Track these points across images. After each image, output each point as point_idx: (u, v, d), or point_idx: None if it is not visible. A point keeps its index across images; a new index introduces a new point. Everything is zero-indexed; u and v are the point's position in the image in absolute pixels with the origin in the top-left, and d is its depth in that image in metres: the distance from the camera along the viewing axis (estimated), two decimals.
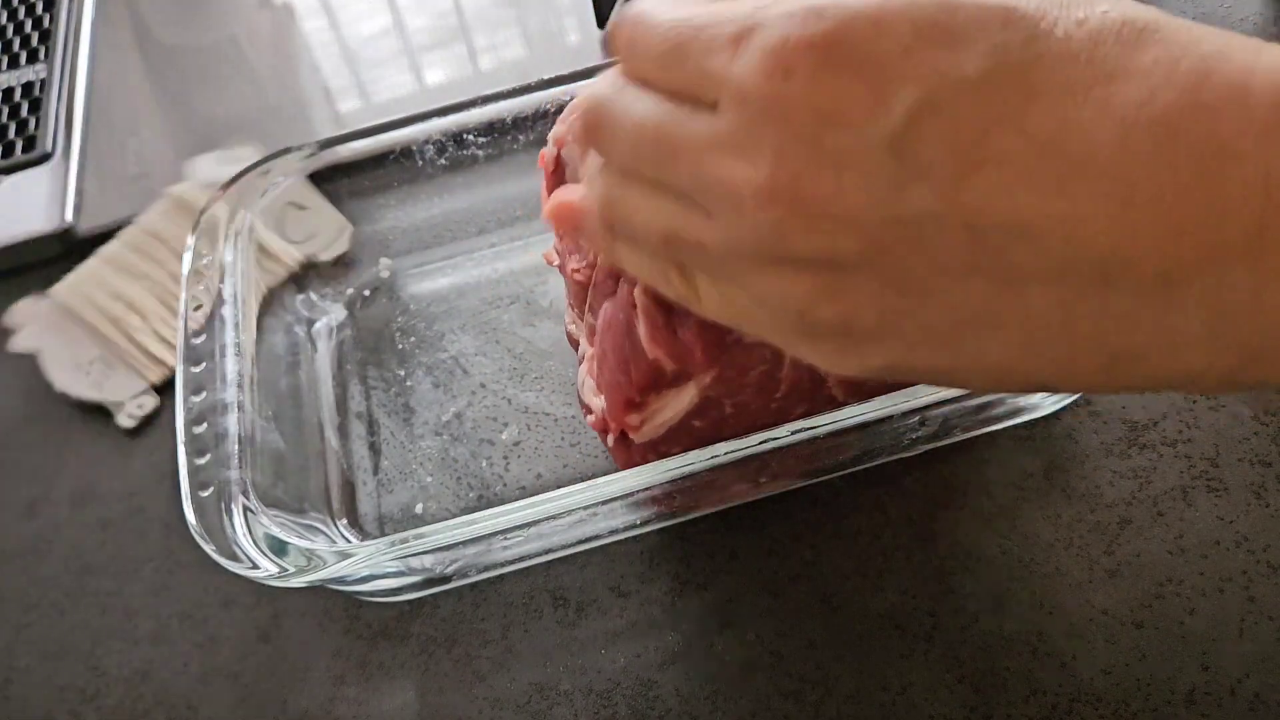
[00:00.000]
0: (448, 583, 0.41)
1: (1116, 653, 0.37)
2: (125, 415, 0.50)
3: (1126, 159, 0.21)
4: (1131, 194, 0.21)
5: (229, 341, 0.42)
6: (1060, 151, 0.22)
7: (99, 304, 0.52)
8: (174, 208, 0.55)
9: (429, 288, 0.52)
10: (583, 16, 0.66)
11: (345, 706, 0.40)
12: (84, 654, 0.43)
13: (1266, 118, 0.21)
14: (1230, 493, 0.40)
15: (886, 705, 0.37)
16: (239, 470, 0.38)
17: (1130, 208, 0.21)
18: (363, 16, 0.71)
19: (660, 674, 0.39)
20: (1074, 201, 0.22)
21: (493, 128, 0.49)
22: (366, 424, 0.47)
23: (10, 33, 0.72)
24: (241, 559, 0.35)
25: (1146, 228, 0.21)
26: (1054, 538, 0.40)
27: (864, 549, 0.40)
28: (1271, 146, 0.21)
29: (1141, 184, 0.21)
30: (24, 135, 0.65)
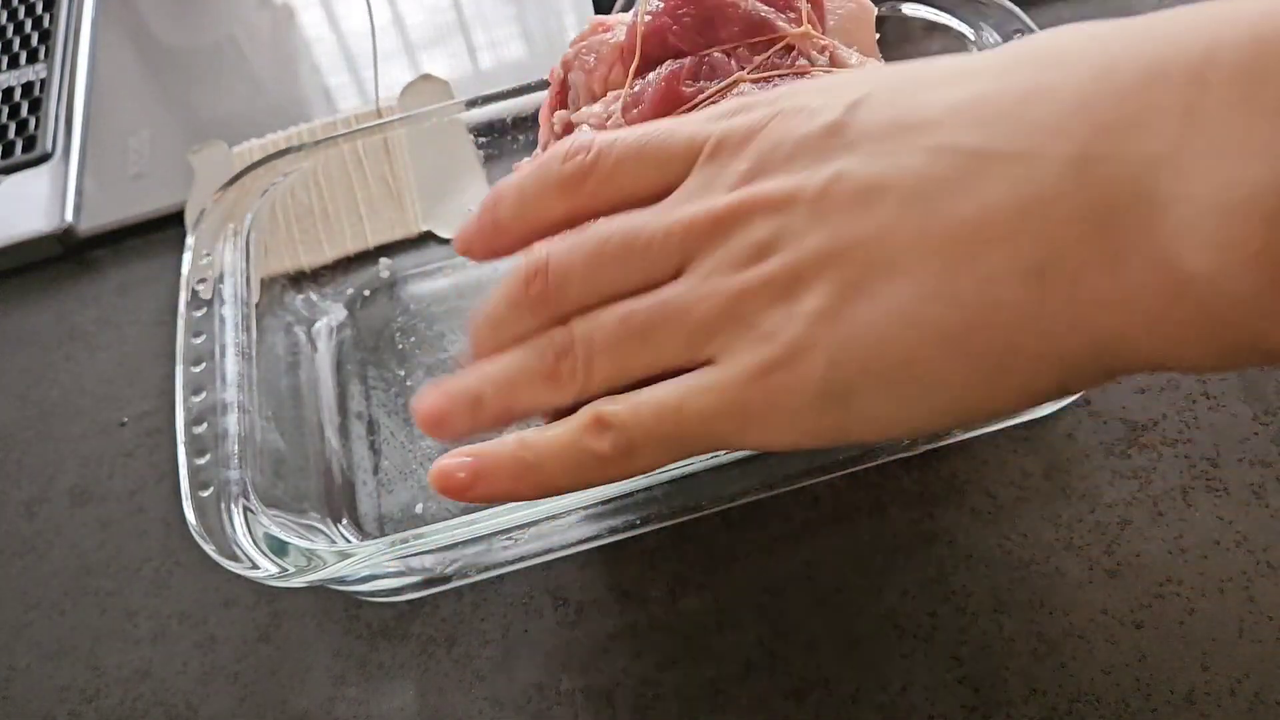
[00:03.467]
0: (448, 583, 0.41)
1: (1116, 653, 0.37)
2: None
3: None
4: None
5: (229, 341, 0.42)
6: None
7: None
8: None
9: (429, 288, 0.52)
10: (582, 14, 0.66)
11: (345, 706, 0.40)
12: (84, 654, 0.43)
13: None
14: (1230, 493, 0.40)
15: (886, 705, 0.37)
16: (239, 470, 0.38)
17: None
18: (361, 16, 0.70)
19: (660, 674, 0.39)
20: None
21: (492, 128, 0.49)
22: (366, 424, 0.47)
23: (10, 33, 0.72)
24: (241, 559, 0.35)
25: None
26: (1054, 538, 0.40)
27: (864, 549, 0.40)
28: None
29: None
30: (24, 135, 0.65)
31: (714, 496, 0.42)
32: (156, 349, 0.53)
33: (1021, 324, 0.24)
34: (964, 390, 0.25)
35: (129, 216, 0.59)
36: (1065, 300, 0.23)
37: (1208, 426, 0.41)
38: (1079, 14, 0.59)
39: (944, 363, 0.25)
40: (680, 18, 0.36)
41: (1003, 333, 0.24)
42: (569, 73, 0.40)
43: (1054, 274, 0.23)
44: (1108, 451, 0.41)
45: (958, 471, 0.42)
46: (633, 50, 0.37)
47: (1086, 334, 0.23)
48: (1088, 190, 0.22)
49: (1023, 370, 0.25)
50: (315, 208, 0.51)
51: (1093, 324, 0.23)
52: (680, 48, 0.36)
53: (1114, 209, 0.22)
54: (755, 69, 0.35)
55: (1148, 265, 0.22)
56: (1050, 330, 0.23)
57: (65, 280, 0.58)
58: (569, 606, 0.41)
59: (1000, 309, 0.24)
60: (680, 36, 0.36)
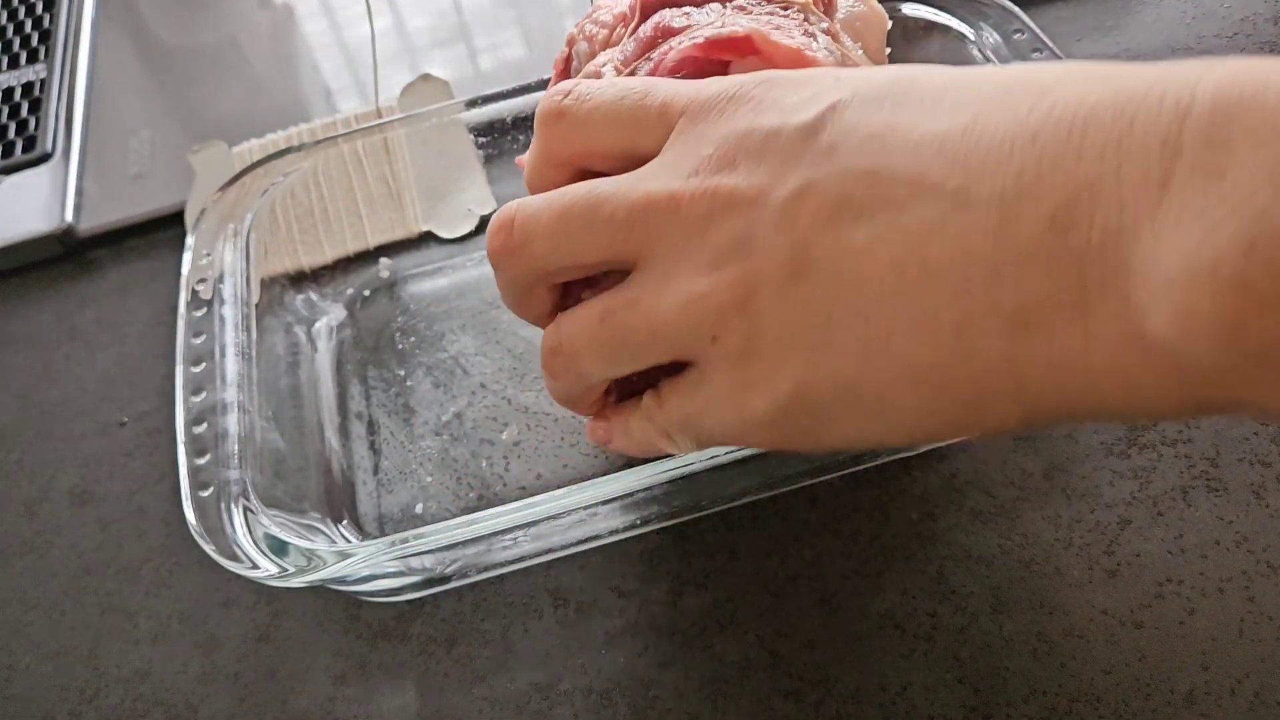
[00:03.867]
0: (448, 583, 0.41)
1: (1116, 653, 0.37)
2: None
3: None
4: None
5: (229, 341, 0.42)
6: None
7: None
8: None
9: (429, 288, 0.52)
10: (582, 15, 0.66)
11: (345, 706, 0.40)
12: (84, 654, 0.43)
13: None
14: (1230, 493, 0.40)
15: (886, 705, 0.37)
16: (239, 470, 0.38)
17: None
18: (362, 16, 0.70)
19: (660, 674, 0.39)
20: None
21: (493, 127, 0.49)
22: (366, 424, 0.47)
23: (10, 33, 0.72)
24: (241, 559, 0.35)
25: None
26: (1054, 538, 0.40)
27: (864, 549, 0.40)
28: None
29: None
30: (24, 135, 0.65)
31: (714, 496, 0.42)
32: (156, 349, 0.53)
33: (994, 369, 0.24)
34: (929, 419, 0.26)
35: (129, 216, 0.59)
36: (1040, 352, 0.23)
37: (1208, 426, 0.41)
38: (1078, 14, 0.59)
39: (912, 396, 0.25)
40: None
41: (975, 376, 0.24)
42: (573, 46, 0.40)
43: (1030, 326, 0.23)
44: (1108, 451, 0.41)
45: (958, 471, 0.42)
46: (633, 10, 0.37)
47: (1056, 385, 0.23)
48: (1068, 248, 0.22)
49: (990, 410, 0.25)
50: (315, 208, 0.51)
51: (1064, 376, 0.23)
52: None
53: (1090, 268, 0.22)
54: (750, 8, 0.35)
55: (1119, 326, 0.22)
56: (1022, 378, 0.24)
57: (65, 280, 0.58)
58: (569, 606, 0.41)
59: (974, 355, 0.24)
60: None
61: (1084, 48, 0.57)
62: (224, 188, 0.47)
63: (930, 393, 0.25)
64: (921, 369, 0.25)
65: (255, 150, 0.58)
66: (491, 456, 0.45)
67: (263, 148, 0.58)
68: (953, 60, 0.47)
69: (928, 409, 0.25)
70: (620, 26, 0.38)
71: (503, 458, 0.45)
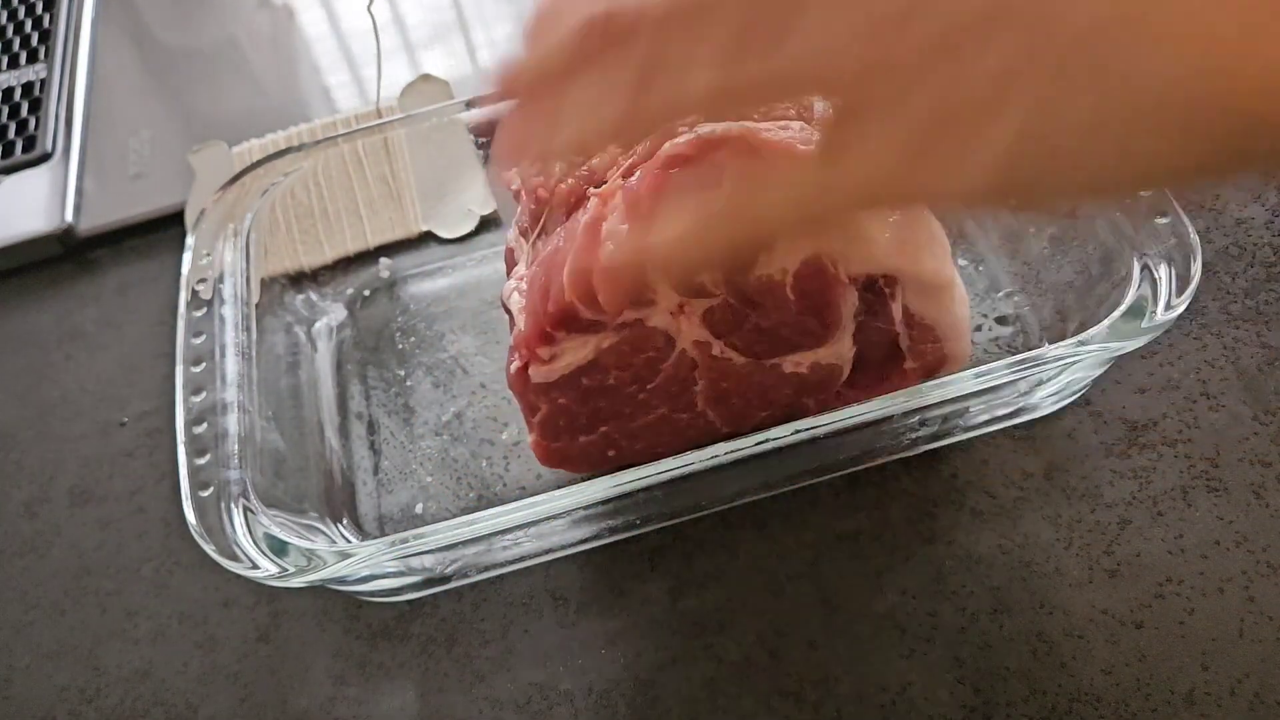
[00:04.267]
0: (448, 583, 0.41)
1: (1116, 653, 0.37)
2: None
3: None
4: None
5: (229, 341, 0.42)
6: None
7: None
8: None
9: (429, 288, 0.52)
10: None
11: (345, 706, 0.40)
12: (84, 654, 0.43)
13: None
14: (1230, 493, 0.40)
15: (886, 705, 0.37)
16: (239, 470, 0.38)
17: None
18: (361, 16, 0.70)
19: (660, 674, 0.39)
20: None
21: (492, 127, 0.49)
22: (366, 424, 0.47)
23: (10, 33, 0.72)
24: (241, 559, 0.35)
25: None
26: (1054, 538, 0.40)
27: (864, 549, 0.40)
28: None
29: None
30: (24, 135, 0.65)
31: (714, 496, 0.42)
32: (156, 349, 0.53)
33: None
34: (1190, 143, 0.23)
35: (129, 216, 0.59)
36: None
37: (1208, 426, 0.41)
38: None
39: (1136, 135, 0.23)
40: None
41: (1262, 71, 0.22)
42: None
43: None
44: (1108, 451, 0.41)
45: (958, 471, 0.42)
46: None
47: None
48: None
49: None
50: (315, 208, 0.51)
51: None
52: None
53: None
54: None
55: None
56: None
57: (65, 280, 0.58)
58: (569, 606, 0.41)
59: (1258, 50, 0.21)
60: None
61: None
62: (224, 187, 0.47)
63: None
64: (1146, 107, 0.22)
65: (255, 150, 0.58)
66: (491, 456, 0.45)
67: (263, 148, 0.58)
68: None
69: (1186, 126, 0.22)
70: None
71: (503, 458, 0.45)
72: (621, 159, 0.36)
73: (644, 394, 0.38)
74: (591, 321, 0.36)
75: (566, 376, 0.37)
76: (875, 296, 0.37)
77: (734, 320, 0.36)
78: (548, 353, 0.37)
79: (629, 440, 0.40)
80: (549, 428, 0.39)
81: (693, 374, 0.38)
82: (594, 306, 0.35)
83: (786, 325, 0.37)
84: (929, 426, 0.41)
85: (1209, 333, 0.44)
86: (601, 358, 0.37)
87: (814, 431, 0.35)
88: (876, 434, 0.40)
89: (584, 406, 0.38)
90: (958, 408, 0.39)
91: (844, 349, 0.38)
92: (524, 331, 0.37)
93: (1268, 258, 0.46)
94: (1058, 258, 0.44)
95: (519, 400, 0.39)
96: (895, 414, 0.36)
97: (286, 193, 0.49)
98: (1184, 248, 0.37)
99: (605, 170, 0.36)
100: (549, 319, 0.36)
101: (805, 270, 0.35)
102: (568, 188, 0.37)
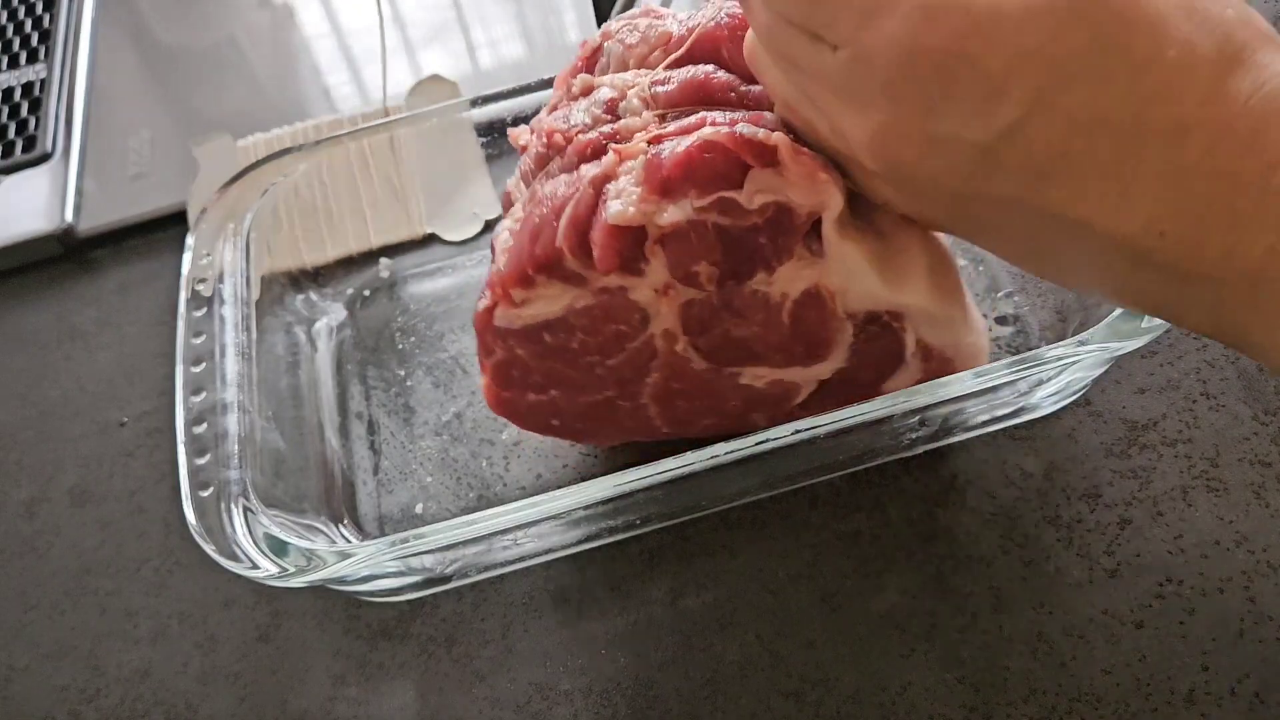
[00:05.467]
0: (448, 583, 0.42)
1: (1116, 653, 0.37)
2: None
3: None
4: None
5: (229, 341, 0.42)
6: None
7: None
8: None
9: (429, 288, 0.52)
10: (582, 13, 0.66)
11: (345, 706, 0.40)
12: (84, 654, 0.43)
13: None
14: (1230, 493, 0.40)
15: (886, 705, 0.37)
16: (239, 470, 0.38)
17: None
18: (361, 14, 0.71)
19: (660, 674, 0.39)
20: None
21: (492, 127, 0.49)
22: (366, 424, 0.47)
23: (10, 33, 0.72)
24: (241, 559, 0.35)
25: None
26: (1054, 538, 0.40)
27: (864, 549, 0.40)
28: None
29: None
30: (24, 135, 0.65)
31: (714, 496, 0.42)
32: (156, 349, 0.53)
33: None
34: (1174, 203, 0.26)
35: (129, 216, 0.59)
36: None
37: (1208, 426, 0.41)
38: None
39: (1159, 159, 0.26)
40: (739, 38, 0.35)
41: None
42: (606, 40, 0.39)
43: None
44: (1108, 451, 0.41)
45: (958, 471, 0.42)
46: (681, 41, 0.37)
47: None
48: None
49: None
50: (320, 207, 0.51)
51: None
52: (727, 63, 0.36)
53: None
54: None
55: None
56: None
57: (65, 280, 0.58)
58: (569, 606, 0.41)
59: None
60: (731, 54, 0.36)
61: None
62: (225, 187, 0.47)
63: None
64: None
65: (260, 145, 0.58)
66: (491, 456, 0.45)
67: (268, 143, 0.58)
68: None
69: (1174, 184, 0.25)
70: (659, 50, 0.37)
71: (503, 458, 0.45)
72: (654, 125, 0.35)
73: (600, 369, 0.38)
74: (574, 274, 0.35)
75: (531, 327, 0.37)
76: (879, 328, 0.36)
77: (707, 320, 0.36)
78: (520, 296, 0.36)
79: (572, 417, 0.40)
80: (501, 374, 0.39)
81: (649, 364, 0.38)
82: (582, 259, 0.34)
83: (764, 341, 0.36)
84: (929, 426, 0.41)
85: None
86: (571, 317, 0.36)
87: (814, 431, 0.35)
88: (876, 434, 0.40)
89: (540, 363, 0.38)
90: (957, 408, 0.39)
91: (819, 373, 0.38)
92: (502, 271, 0.36)
93: None
94: None
95: (478, 339, 0.38)
96: (895, 414, 0.36)
97: (291, 190, 0.49)
98: None
99: (633, 132, 0.36)
100: (533, 261, 0.35)
101: (805, 300, 0.35)
102: (587, 140, 0.36)
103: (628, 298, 0.36)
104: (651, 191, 0.33)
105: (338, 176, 0.51)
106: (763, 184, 0.33)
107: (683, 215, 0.33)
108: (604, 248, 0.33)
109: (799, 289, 0.35)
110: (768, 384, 0.38)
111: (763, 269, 0.34)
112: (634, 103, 0.36)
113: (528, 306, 0.36)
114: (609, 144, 0.35)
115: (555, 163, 0.37)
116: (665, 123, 0.35)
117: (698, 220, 0.33)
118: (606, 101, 0.36)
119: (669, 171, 0.33)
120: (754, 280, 0.35)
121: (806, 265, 0.34)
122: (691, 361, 0.37)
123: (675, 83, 0.35)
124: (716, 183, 0.33)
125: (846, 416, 0.36)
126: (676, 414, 0.40)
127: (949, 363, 0.37)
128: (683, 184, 0.33)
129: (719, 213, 0.33)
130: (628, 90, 0.36)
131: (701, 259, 0.34)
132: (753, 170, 0.32)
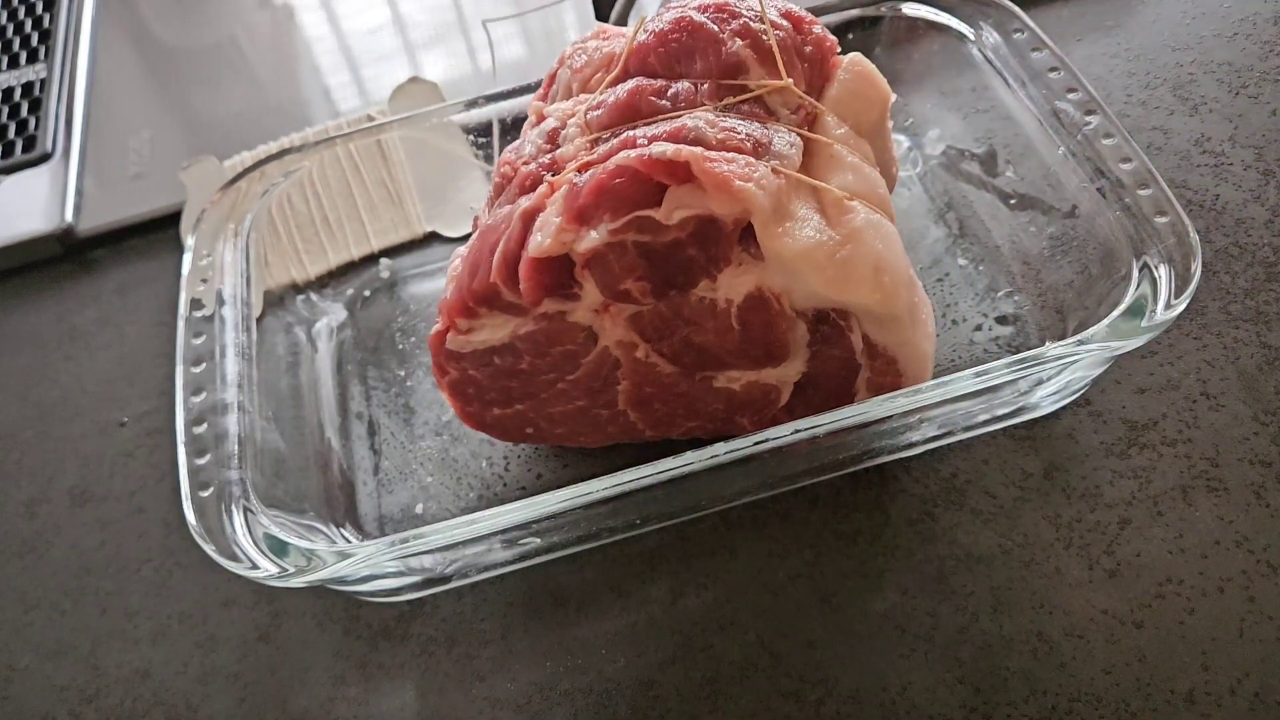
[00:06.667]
0: (448, 583, 0.42)
1: (1116, 653, 0.37)
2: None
3: None
4: None
5: (229, 341, 0.42)
6: None
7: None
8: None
9: (429, 288, 0.52)
10: (582, 13, 0.66)
11: (345, 706, 0.40)
12: (84, 654, 0.43)
13: None
14: (1230, 493, 0.40)
15: (886, 705, 0.37)
16: (239, 470, 0.38)
17: None
18: (361, 14, 0.71)
19: (660, 674, 0.39)
20: None
21: (489, 128, 0.49)
22: (366, 424, 0.47)
23: (10, 33, 0.72)
24: (241, 559, 0.35)
25: None
26: (1054, 538, 0.40)
27: (864, 549, 0.40)
28: None
29: None
30: (24, 135, 0.65)
31: (714, 496, 0.42)
32: (156, 349, 0.53)
33: None
34: None
35: (129, 216, 0.59)
36: None
37: (1208, 426, 0.41)
38: (1078, 13, 0.59)
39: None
40: (668, 43, 0.37)
41: None
42: (560, 67, 0.41)
43: None
44: (1108, 451, 0.41)
45: (958, 471, 0.42)
46: (617, 64, 0.38)
47: None
48: None
49: None
50: (316, 216, 0.52)
51: None
52: (656, 69, 0.37)
53: None
54: (719, 106, 0.36)
55: None
56: None
57: (65, 280, 0.58)
58: (569, 606, 0.41)
59: None
60: (660, 60, 0.37)
61: (1084, 48, 0.57)
62: (223, 189, 0.47)
63: None
64: None
65: (247, 164, 0.58)
66: (491, 456, 0.45)
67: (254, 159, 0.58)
68: (953, 60, 0.47)
69: None
70: (603, 70, 0.39)
71: (503, 458, 0.45)
72: (584, 153, 0.36)
73: (563, 384, 0.39)
74: (512, 304, 0.36)
75: (479, 352, 0.38)
76: (830, 328, 0.37)
77: (664, 328, 0.37)
78: (465, 325, 0.37)
79: (548, 423, 0.41)
80: (458, 392, 0.40)
81: (615, 373, 0.38)
82: (515, 291, 0.35)
83: (721, 345, 0.37)
84: (929, 426, 0.41)
85: (1209, 333, 0.44)
86: (517, 343, 0.37)
87: (814, 431, 0.35)
88: (876, 434, 0.40)
89: (494, 383, 0.39)
90: (957, 408, 0.39)
91: (789, 373, 0.38)
92: (448, 299, 0.37)
93: (1268, 258, 0.46)
94: (1058, 257, 0.44)
95: (432, 360, 0.39)
96: (895, 414, 0.36)
97: (285, 202, 0.49)
98: (1184, 247, 0.37)
99: (566, 161, 0.36)
100: (471, 294, 0.36)
101: (749, 303, 0.36)
102: (528, 171, 0.37)
103: (567, 321, 0.37)
104: (570, 221, 0.34)
105: (331, 184, 0.51)
106: (681, 200, 0.33)
107: (599, 240, 0.34)
108: (528, 281, 0.35)
109: (742, 292, 0.36)
110: (744, 387, 0.38)
111: (705, 277, 0.35)
112: (571, 130, 0.37)
113: (474, 334, 0.38)
114: (546, 174, 0.36)
115: (506, 194, 0.38)
116: (595, 147, 0.36)
117: (615, 242, 0.34)
118: (549, 132, 0.38)
119: (584, 200, 0.34)
120: (699, 288, 0.36)
121: (748, 269, 0.35)
122: (659, 366, 0.38)
123: (605, 107, 0.36)
124: (629, 205, 0.33)
125: (846, 416, 0.36)
126: (656, 417, 0.40)
127: (894, 362, 0.37)
128: (596, 210, 0.34)
129: (637, 231, 0.34)
130: (568, 119, 0.38)
131: (627, 277, 0.35)
132: (670, 188, 0.33)
